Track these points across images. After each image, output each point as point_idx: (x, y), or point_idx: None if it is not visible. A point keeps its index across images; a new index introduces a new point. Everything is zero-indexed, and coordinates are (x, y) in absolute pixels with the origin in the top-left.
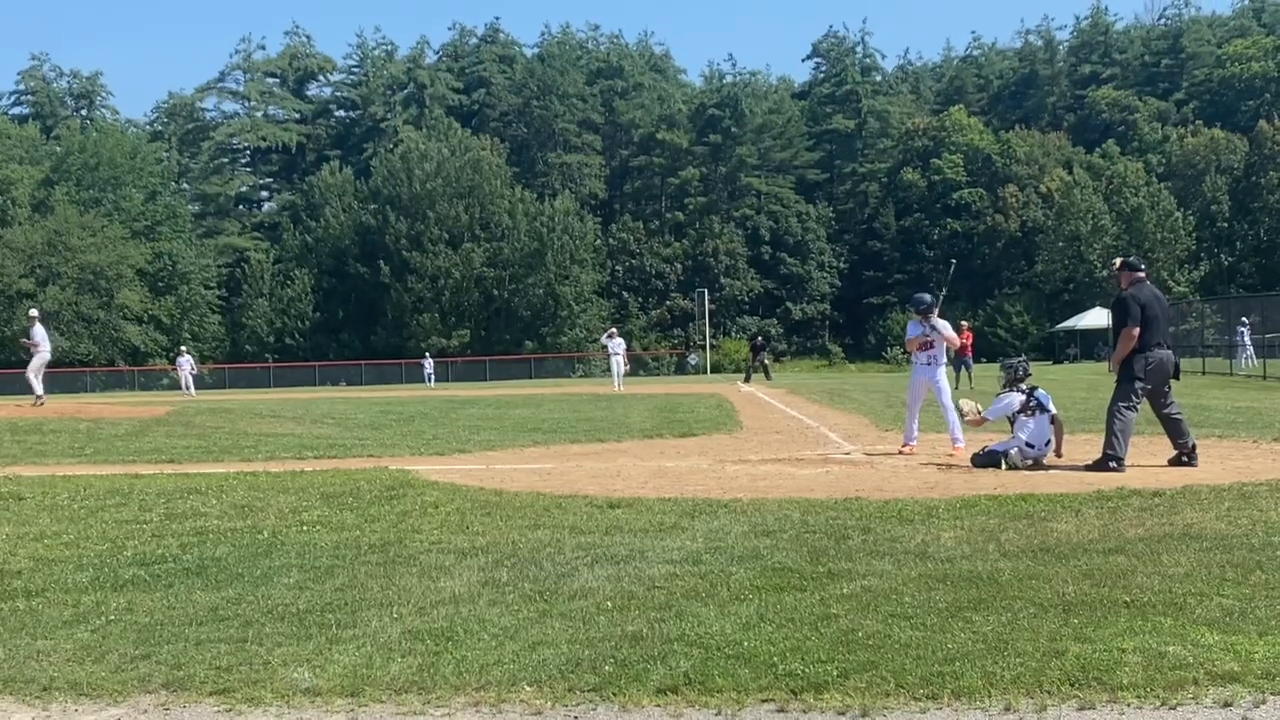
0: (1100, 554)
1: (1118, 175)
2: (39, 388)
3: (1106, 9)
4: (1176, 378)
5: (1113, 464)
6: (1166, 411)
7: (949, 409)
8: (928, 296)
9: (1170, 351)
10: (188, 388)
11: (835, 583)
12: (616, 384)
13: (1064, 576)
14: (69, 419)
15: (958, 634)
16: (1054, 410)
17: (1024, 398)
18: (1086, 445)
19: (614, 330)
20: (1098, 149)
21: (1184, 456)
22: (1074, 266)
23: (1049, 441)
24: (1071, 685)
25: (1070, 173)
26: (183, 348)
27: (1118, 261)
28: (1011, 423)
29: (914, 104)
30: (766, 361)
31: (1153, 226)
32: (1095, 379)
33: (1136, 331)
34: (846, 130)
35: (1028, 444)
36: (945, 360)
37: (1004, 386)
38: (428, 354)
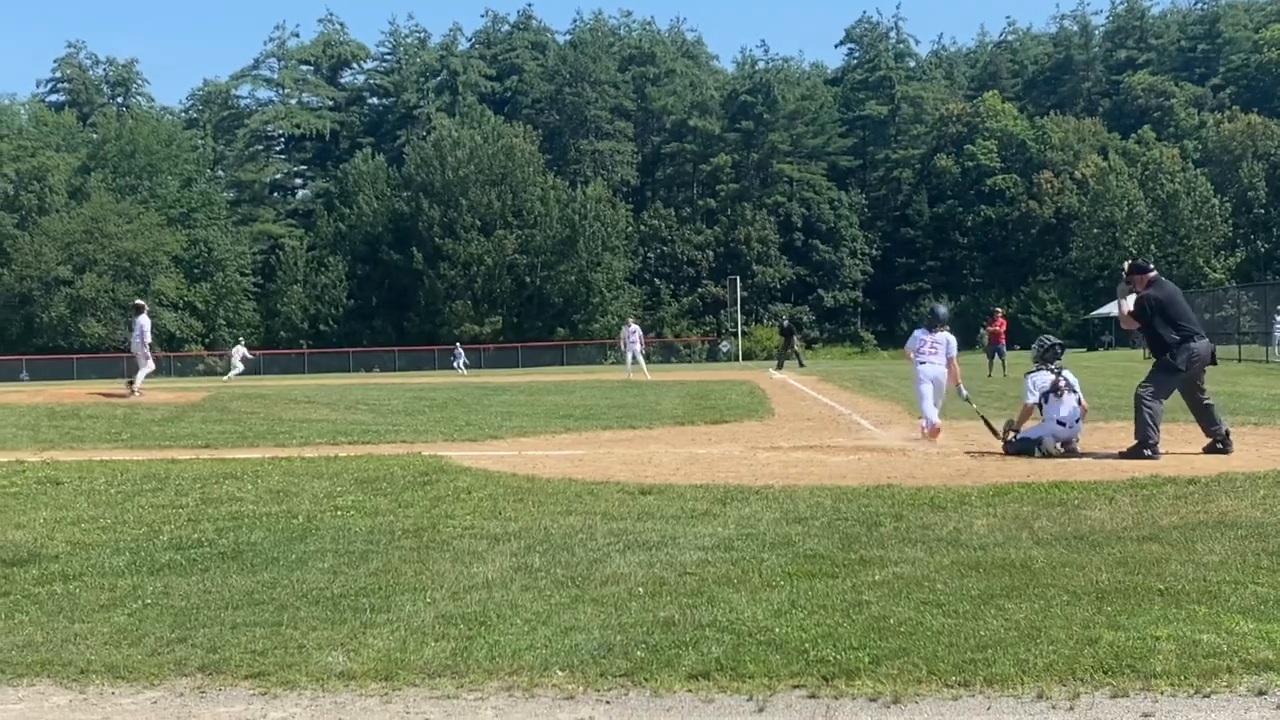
0: (1134, 541)
1: (1153, 161)
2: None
3: None
4: (1213, 363)
5: (1147, 451)
6: (1198, 399)
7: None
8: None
9: (1207, 340)
10: (231, 370)
11: (867, 570)
12: (632, 371)
13: (1098, 564)
14: (105, 404)
15: (990, 621)
16: (1079, 393)
17: (1054, 377)
18: (1121, 433)
19: (630, 319)
20: (1133, 135)
21: (1218, 444)
22: (1109, 253)
23: (1079, 420)
24: (1105, 673)
25: (1105, 159)
26: (240, 339)
27: (1126, 265)
28: (1041, 407)
29: (948, 90)
30: (798, 348)
31: (1189, 213)
32: (1130, 365)
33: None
34: (880, 116)
35: (1059, 422)
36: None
37: (1034, 362)
38: (458, 344)
